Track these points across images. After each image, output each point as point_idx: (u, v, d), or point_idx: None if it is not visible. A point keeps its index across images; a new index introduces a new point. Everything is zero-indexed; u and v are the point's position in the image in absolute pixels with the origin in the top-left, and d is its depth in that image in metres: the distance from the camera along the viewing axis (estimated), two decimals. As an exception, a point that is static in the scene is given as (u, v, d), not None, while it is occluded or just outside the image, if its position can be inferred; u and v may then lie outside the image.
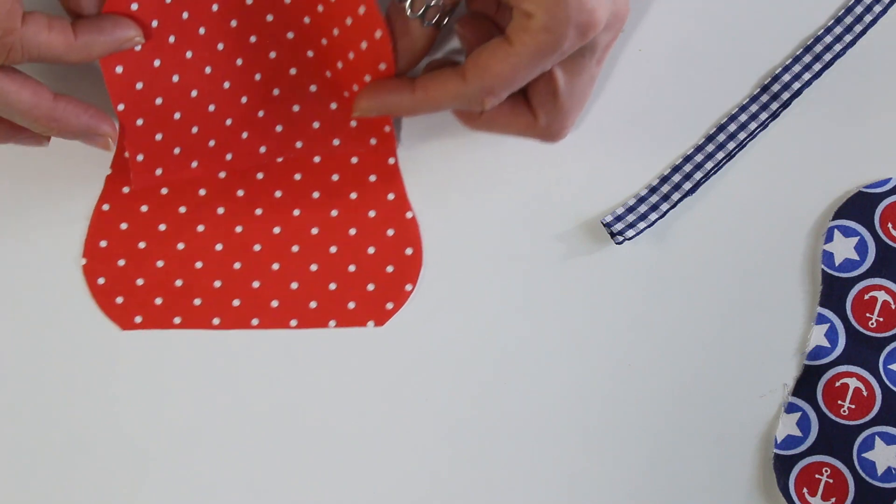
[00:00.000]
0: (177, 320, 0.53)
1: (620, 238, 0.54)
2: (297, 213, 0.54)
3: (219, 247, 0.54)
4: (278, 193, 0.54)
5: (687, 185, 0.55)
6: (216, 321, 0.53)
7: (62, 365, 0.52)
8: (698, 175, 0.56)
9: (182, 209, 0.54)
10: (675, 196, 0.55)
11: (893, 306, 0.54)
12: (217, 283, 0.53)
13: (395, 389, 0.53)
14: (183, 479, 0.52)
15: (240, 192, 0.54)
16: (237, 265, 0.54)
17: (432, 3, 0.48)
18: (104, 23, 0.47)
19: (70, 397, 0.52)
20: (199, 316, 0.53)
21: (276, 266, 0.54)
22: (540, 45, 0.46)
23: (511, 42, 0.47)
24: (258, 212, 0.54)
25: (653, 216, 0.55)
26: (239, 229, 0.54)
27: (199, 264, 0.53)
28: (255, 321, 0.53)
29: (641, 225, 0.54)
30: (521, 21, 0.46)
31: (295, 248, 0.54)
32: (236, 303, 0.53)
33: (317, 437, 0.52)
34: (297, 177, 0.54)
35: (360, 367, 0.53)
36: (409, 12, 0.48)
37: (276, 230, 0.54)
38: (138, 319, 0.53)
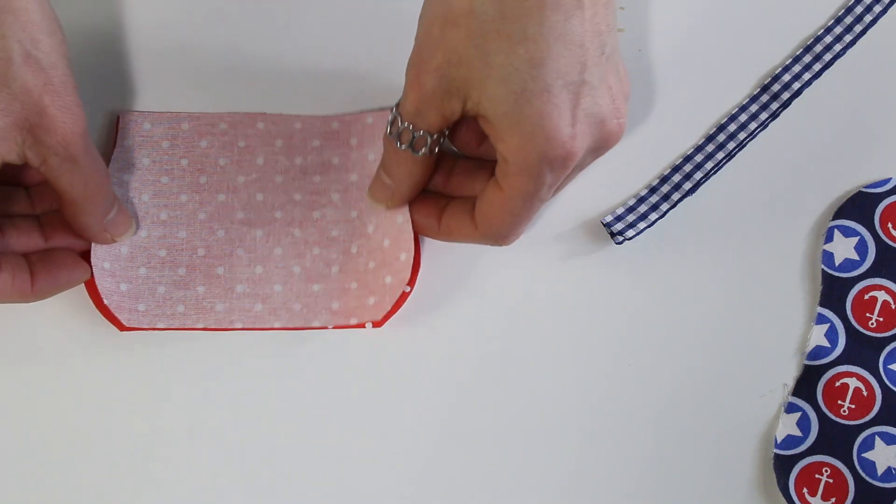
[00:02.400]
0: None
1: (620, 238, 0.54)
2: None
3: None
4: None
5: (687, 185, 0.55)
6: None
7: (59, 367, 0.52)
8: (698, 175, 0.56)
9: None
10: (675, 196, 0.55)
11: (893, 306, 0.54)
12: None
13: (393, 391, 0.53)
14: (181, 480, 0.52)
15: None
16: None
17: (417, 135, 0.48)
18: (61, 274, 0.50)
19: (67, 400, 0.52)
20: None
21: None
22: (523, 187, 0.47)
23: (501, 187, 0.48)
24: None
25: (653, 216, 0.55)
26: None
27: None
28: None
29: (641, 225, 0.54)
30: (502, 165, 0.47)
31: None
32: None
33: (314, 440, 0.52)
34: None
35: (357, 368, 0.53)
36: (399, 145, 0.49)
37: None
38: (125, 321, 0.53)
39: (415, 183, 0.51)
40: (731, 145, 0.56)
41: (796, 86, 0.57)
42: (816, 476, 0.52)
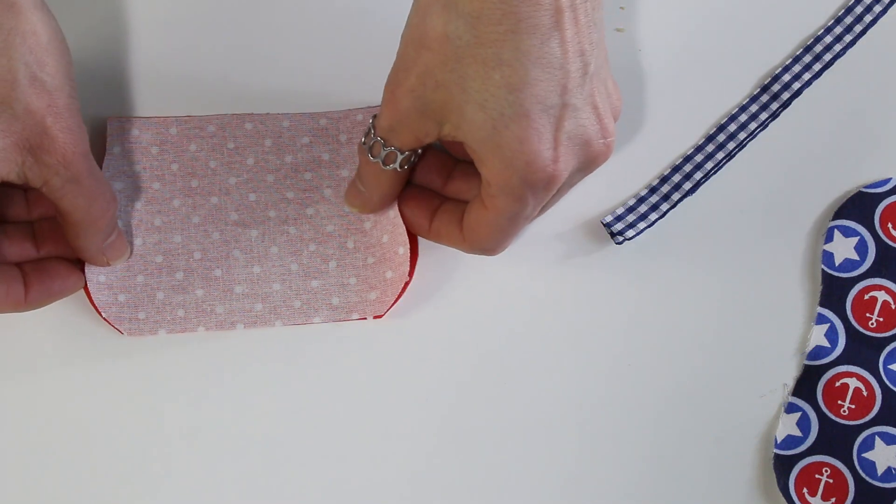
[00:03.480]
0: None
1: (620, 238, 0.54)
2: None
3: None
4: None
5: (687, 185, 0.55)
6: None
7: (62, 369, 0.52)
8: (698, 175, 0.56)
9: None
10: (675, 196, 0.55)
11: (893, 306, 0.54)
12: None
13: (392, 390, 0.53)
14: (187, 480, 0.52)
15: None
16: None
17: (387, 150, 0.49)
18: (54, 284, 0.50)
19: (70, 402, 0.52)
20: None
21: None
22: (506, 209, 0.47)
23: (485, 206, 0.48)
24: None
25: (653, 216, 0.55)
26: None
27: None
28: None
29: (641, 225, 0.55)
30: (485, 187, 0.47)
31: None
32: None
33: (319, 437, 0.52)
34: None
35: (357, 367, 0.53)
36: (370, 157, 0.49)
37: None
38: (125, 331, 0.53)
39: (384, 194, 0.51)
40: (731, 145, 0.56)
41: (796, 86, 0.57)
42: (816, 476, 0.52)
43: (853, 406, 0.53)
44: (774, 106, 0.57)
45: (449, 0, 0.44)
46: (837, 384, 0.53)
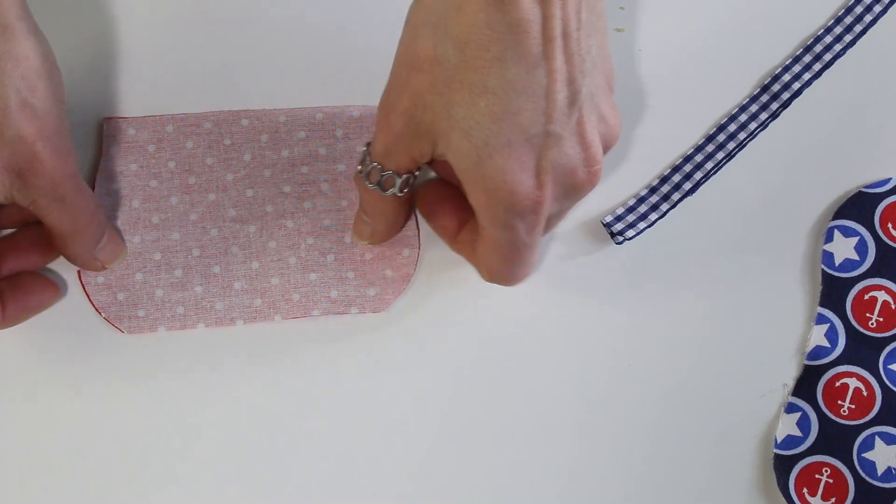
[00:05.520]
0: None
1: (620, 238, 0.54)
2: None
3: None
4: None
5: (687, 185, 0.55)
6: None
7: (64, 367, 0.53)
8: (698, 175, 0.56)
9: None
10: (675, 196, 0.55)
11: (893, 306, 0.54)
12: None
13: (390, 389, 0.53)
14: (188, 477, 0.52)
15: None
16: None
17: (385, 175, 0.48)
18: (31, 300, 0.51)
19: (71, 400, 0.52)
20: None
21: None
22: (497, 237, 0.47)
23: (483, 237, 0.48)
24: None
25: (653, 216, 0.55)
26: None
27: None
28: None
29: (641, 225, 0.55)
30: (476, 217, 0.47)
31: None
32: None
33: (316, 435, 0.52)
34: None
35: (358, 365, 0.53)
36: (367, 184, 0.49)
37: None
38: (125, 329, 0.53)
39: (389, 222, 0.51)
40: (731, 145, 0.56)
41: (796, 86, 0.57)
42: (816, 476, 0.52)
43: (853, 406, 0.53)
44: (774, 106, 0.57)
45: (438, 21, 0.44)
46: (837, 384, 0.53)
